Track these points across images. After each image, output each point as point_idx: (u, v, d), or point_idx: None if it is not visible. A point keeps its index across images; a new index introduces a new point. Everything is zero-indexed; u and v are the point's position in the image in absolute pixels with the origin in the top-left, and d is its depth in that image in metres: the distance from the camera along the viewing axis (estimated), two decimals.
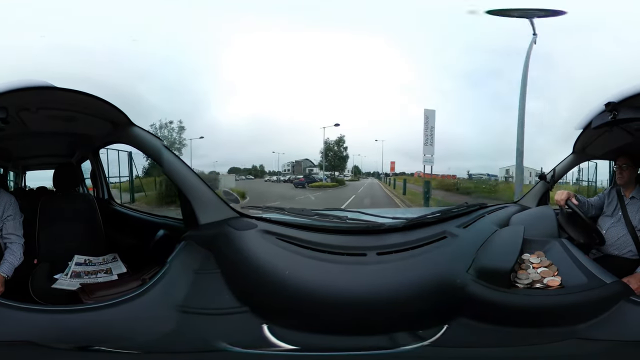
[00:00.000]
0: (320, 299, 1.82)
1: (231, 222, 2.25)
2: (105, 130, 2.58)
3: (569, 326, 1.72)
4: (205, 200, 2.28)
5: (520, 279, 1.90)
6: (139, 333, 1.73)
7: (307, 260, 1.98)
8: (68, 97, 2.11)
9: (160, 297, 1.86)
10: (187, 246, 2.15)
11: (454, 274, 1.89)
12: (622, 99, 2.13)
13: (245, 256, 2.01)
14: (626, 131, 2.56)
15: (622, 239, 2.52)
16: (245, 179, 12.53)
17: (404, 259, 2.02)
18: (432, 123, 9.54)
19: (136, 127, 2.37)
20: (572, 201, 2.52)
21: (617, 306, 1.73)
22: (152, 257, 2.47)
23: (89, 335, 1.70)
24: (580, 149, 3.10)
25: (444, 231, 2.21)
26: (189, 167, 2.31)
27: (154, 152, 2.33)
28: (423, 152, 9.59)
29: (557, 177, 3.24)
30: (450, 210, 2.67)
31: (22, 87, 2.00)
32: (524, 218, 2.66)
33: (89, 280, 2.49)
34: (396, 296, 1.83)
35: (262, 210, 2.50)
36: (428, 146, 9.55)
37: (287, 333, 1.74)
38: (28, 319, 1.72)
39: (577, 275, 1.89)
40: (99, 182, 3.81)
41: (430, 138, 9.54)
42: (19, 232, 2.46)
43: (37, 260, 2.77)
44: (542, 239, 2.25)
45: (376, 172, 12.99)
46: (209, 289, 1.95)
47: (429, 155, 9.62)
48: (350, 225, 2.35)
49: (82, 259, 2.69)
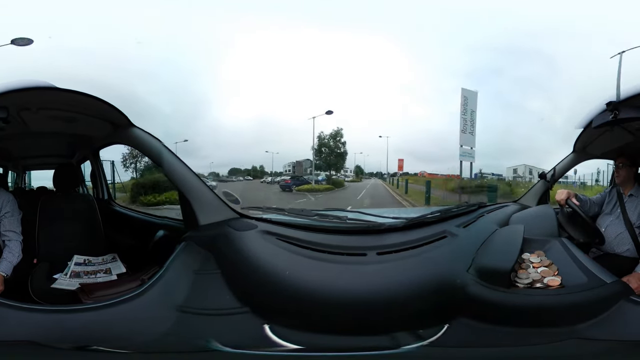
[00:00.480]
0: (321, 299, 1.82)
1: (231, 223, 2.25)
2: (105, 131, 2.58)
3: (569, 326, 1.71)
4: (206, 201, 2.29)
5: (520, 279, 1.90)
6: (138, 333, 1.73)
7: (307, 261, 1.98)
8: (69, 97, 2.11)
9: (159, 297, 1.86)
10: (187, 247, 2.15)
11: (454, 274, 1.88)
12: (623, 99, 2.14)
13: (246, 257, 2.01)
14: (626, 130, 2.57)
15: (621, 236, 2.55)
16: (243, 179, 11.72)
17: (404, 259, 2.02)
18: (472, 106, 7.24)
19: (136, 128, 2.37)
20: (572, 200, 2.52)
21: (617, 306, 1.73)
22: (152, 258, 2.48)
23: (89, 335, 1.70)
24: (580, 148, 3.11)
25: (444, 231, 2.21)
26: (189, 168, 2.31)
27: (154, 153, 2.33)
28: (460, 143, 7.20)
29: (557, 176, 3.25)
30: (450, 209, 2.67)
31: (23, 87, 2.00)
32: (523, 217, 2.66)
33: (89, 280, 2.50)
34: (396, 296, 1.83)
35: (262, 211, 2.50)
36: (467, 134, 7.20)
37: (287, 333, 1.74)
38: (28, 319, 1.72)
39: (577, 274, 1.89)
40: (99, 182, 3.82)
41: (471, 125, 7.22)
42: (17, 229, 2.46)
43: (37, 260, 2.77)
44: (542, 239, 2.25)
45: (379, 173, 11.79)
46: (209, 289, 1.95)
47: (467, 147, 7.28)
48: (350, 225, 2.35)
49: (82, 259, 2.70)
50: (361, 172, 11.68)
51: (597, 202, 2.78)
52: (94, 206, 3.17)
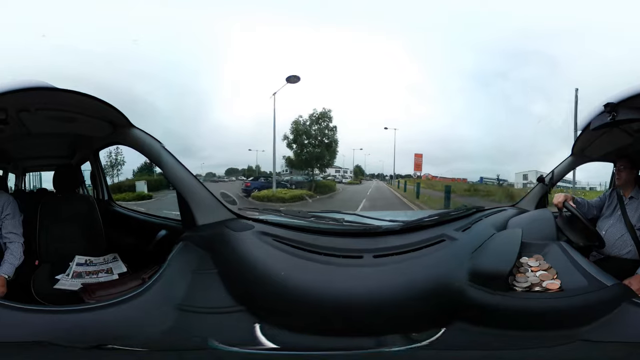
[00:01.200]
0: (316, 300, 1.82)
1: (228, 224, 2.26)
2: (105, 131, 2.59)
3: (570, 329, 1.70)
4: (203, 202, 2.30)
5: (518, 282, 1.89)
6: (140, 331, 1.76)
7: (303, 262, 1.98)
8: (68, 98, 2.11)
9: (159, 296, 1.88)
10: (185, 247, 2.17)
11: (452, 277, 1.88)
12: (621, 100, 2.12)
13: (242, 257, 2.02)
14: (625, 132, 2.56)
15: (622, 239, 2.53)
16: (236, 179, 10.54)
17: (401, 262, 2.01)
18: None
19: (136, 129, 2.38)
20: (569, 203, 2.52)
21: (619, 308, 1.71)
22: (152, 257, 2.49)
23: (93, 334, 1.72)
24: (579, 150, 3.09)
25: (442, 234, 2.20)
26: (187, 169, 2.33)
27: (153, 154, 2.34)
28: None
29: (555, 179, 3.23)
30: (448, 213, 2.67)
31: (21, 87, 2.00)
32: (522, 221, 2.65)
33: (90, 280, 2.51)
34: (393, 299, 1.83)
35: (259, 212, 2.51)
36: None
37: (282, 333, 1.74)
38: (31, 320, 1.73)
39: (577, 278, 1.88)
40: (99, 183, 3.83)
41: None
42: (18, 231, 2.47)
43: (39, 262, 2.80)
44: (540, 242, 2.23)
45: (381, 174, 9.84)
46: (206, 288, 1.96)
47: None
48: (347, 227, 2.35)
49: (83, 259, 2.71)
50: (361, 172, 9.31)
51: (596, 205, 2.77)
52: (94, 207, 3.18)
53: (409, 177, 9.13)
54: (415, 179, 8.63)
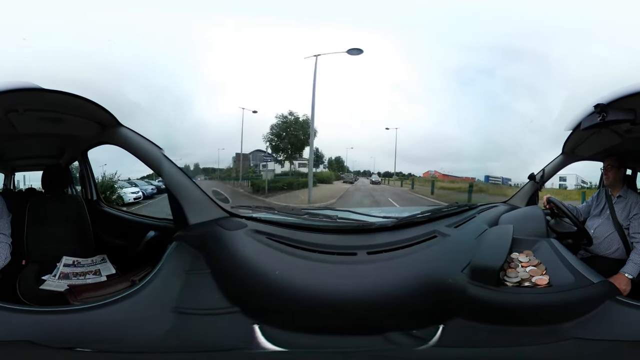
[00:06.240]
0: (311, 298, 1.81)
1: (221, 222, 2.24)
2: (93, 131, 2.55)
3: (556, 324, 1.73)
4: (195, 200, 2.28)
5: (509, 277, 1.91)
6: (129, 334, 1.73)
7: (297, 260, 1.98)
8: (55, 98, 2.09)
9: (150, 298, 1.86)
10: (177, 247, 2.15)
11: (445, 273, 1.89)
12: (610, 101, 2.16)
13: (235, 256, 2.00)
14: (614, 132, 2.60)
15: (610, 237, 2.57)
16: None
17: (395, 259, 2.02)
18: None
19: (124, 128, 2.35)
20: (552, 197, 2.57)
21: (603, 306, 1.74)
22: (141, 258, 2.46)
23: (78, 336, 1.69)
24: (569, 149, 3.14)
25: (434, 230, 2.22)
26: (178, 167, 2.30)
27: (143, 153, 2.31)
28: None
29: (546, 177, 3.27)
30: (440, 210, 2.68)
31: (8, 89, 1.98)
32: (513, 217, 2.68)
33: (77, 281, 2.47)
34: (387, 295, 1.83)
35: (252, 210, 2.49)
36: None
37: (277, 333, 1.73)
38: (15, 320, 1.70)
39: (565, 274, 1.90)
40: (87, 183, 3.77)
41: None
42: (6, 231, 2.43)
43: (26, 262, 2.74)
44: (531, 239, 2.26)
45: (367, 171, 8.37)
46: (199, 289, 1.94)
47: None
48: (341, 224, 2.35)
49: (71, 260, 2.67)
50: (341, 167, 7.35)
51: (583, 210, 2.83)
52: (82, 207, 3.13)
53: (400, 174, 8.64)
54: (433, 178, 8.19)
